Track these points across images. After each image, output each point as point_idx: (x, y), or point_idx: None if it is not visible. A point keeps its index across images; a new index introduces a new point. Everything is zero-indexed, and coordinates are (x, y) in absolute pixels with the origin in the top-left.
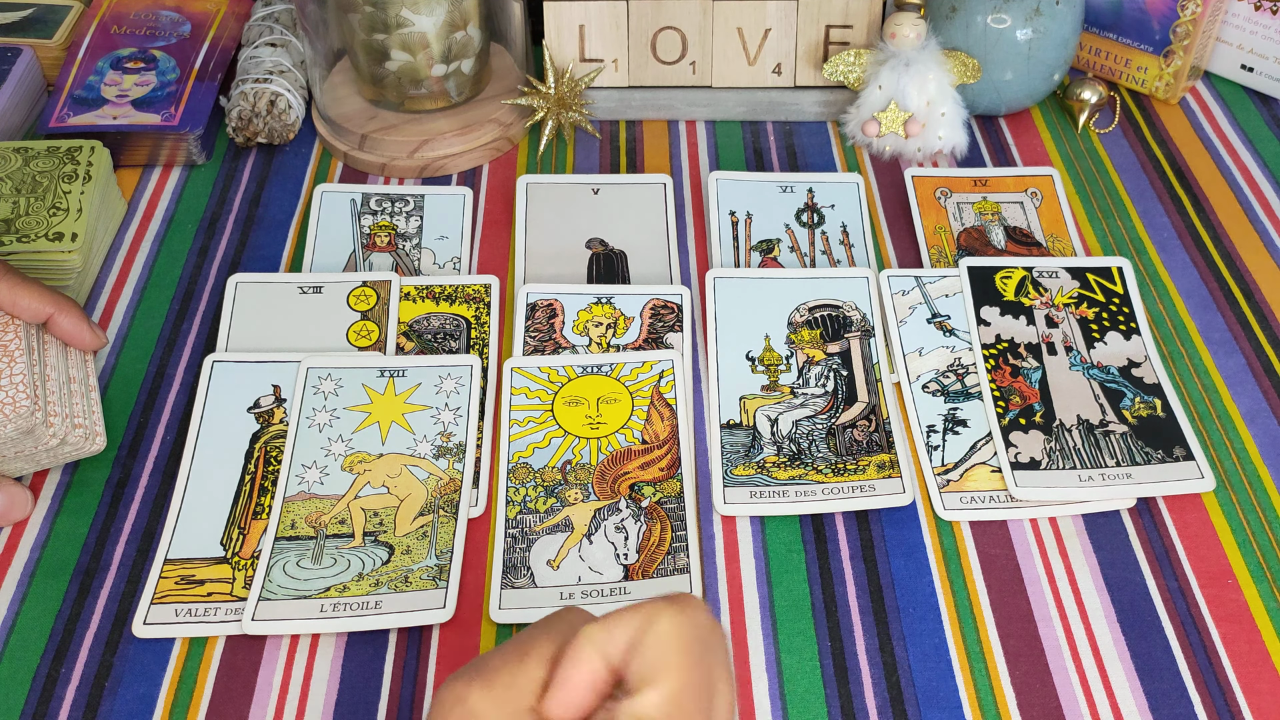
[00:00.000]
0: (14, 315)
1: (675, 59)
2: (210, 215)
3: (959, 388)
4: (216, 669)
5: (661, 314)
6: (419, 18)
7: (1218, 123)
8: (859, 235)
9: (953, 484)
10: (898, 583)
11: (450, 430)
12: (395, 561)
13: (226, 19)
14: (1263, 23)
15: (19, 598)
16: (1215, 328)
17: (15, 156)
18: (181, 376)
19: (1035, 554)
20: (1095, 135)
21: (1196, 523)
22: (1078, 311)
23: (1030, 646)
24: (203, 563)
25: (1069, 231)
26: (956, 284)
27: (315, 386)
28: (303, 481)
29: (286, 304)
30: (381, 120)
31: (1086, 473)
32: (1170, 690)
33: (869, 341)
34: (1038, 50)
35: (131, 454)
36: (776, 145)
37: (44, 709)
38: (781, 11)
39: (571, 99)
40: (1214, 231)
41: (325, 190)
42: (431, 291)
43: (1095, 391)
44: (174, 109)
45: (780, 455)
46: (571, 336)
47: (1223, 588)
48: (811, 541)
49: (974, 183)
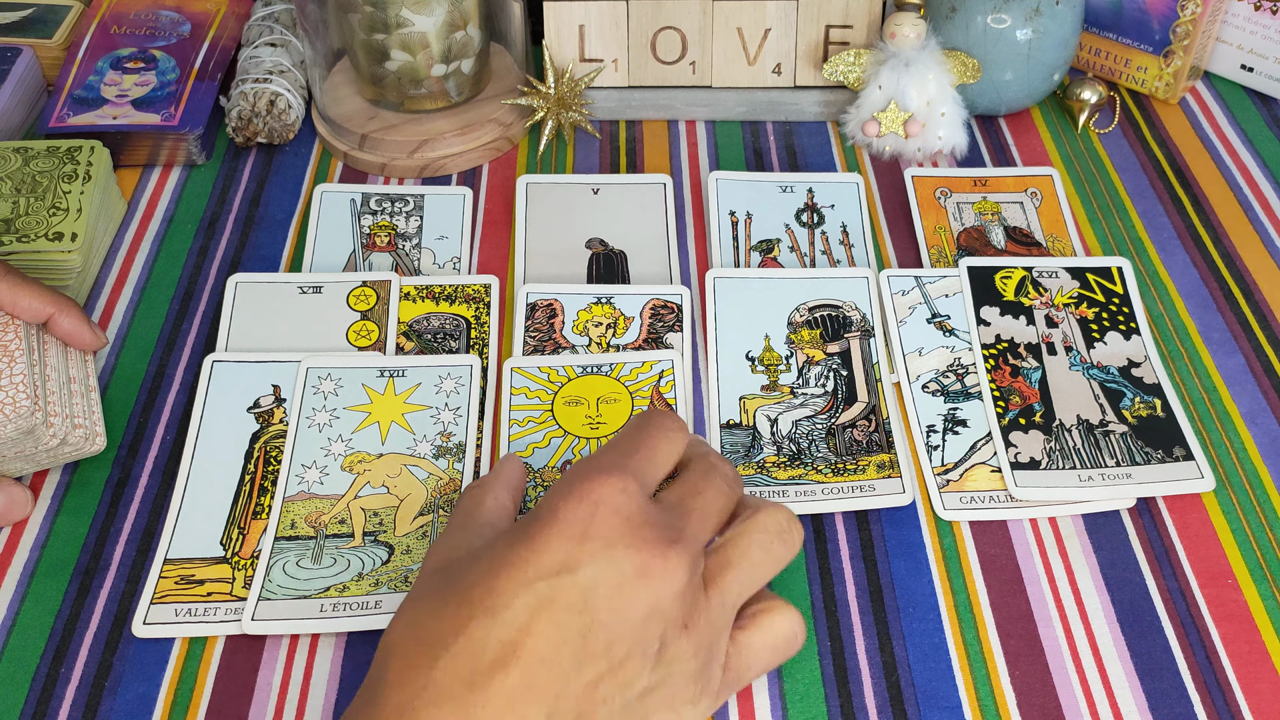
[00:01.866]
0: (14, 315)
1: (675, 59)
2: (210, 215)
3: (959, 388)
4: (216, 669)
5: (661, 314)
6: (419, 18)
7: (1218, 123)
8: (859, 235)
9: (953, 484)
10: (898, 583)
11: (450, 430)
12: (395, 561)
13: (226, 19)
14: (1263, 23)
15: (19, 598)
16: (1215, 328)
17: (15, 156)
18: (181, 376)
19: (1035, 554)
20: (1095, 135)
21: (1196, 523)
22: (1078, 311)
23: (1030, 646)
24: (202, 562)
25: (1069, 231)
26: (956, 284)
27: (315, 386)
28: (302, 481)
29: (286, 304)
30: (381, 120)
31: (1086, 473)
32: (1170, 690)
33: (869, 341)
34: (1038, 50)
35: (131, 454)
36: (776, 145)
37: (44, 709)
38: (781, 11)
39: (571, 99)
40: (1214, 231)
41: (325, 190)
42: (431, 291)
43: (1095, 391)
44: (174, 109)
45: (780, 455)
46: (571, 336)
47: (1223, 588)
48: (811, 541)
49: (974, 183)
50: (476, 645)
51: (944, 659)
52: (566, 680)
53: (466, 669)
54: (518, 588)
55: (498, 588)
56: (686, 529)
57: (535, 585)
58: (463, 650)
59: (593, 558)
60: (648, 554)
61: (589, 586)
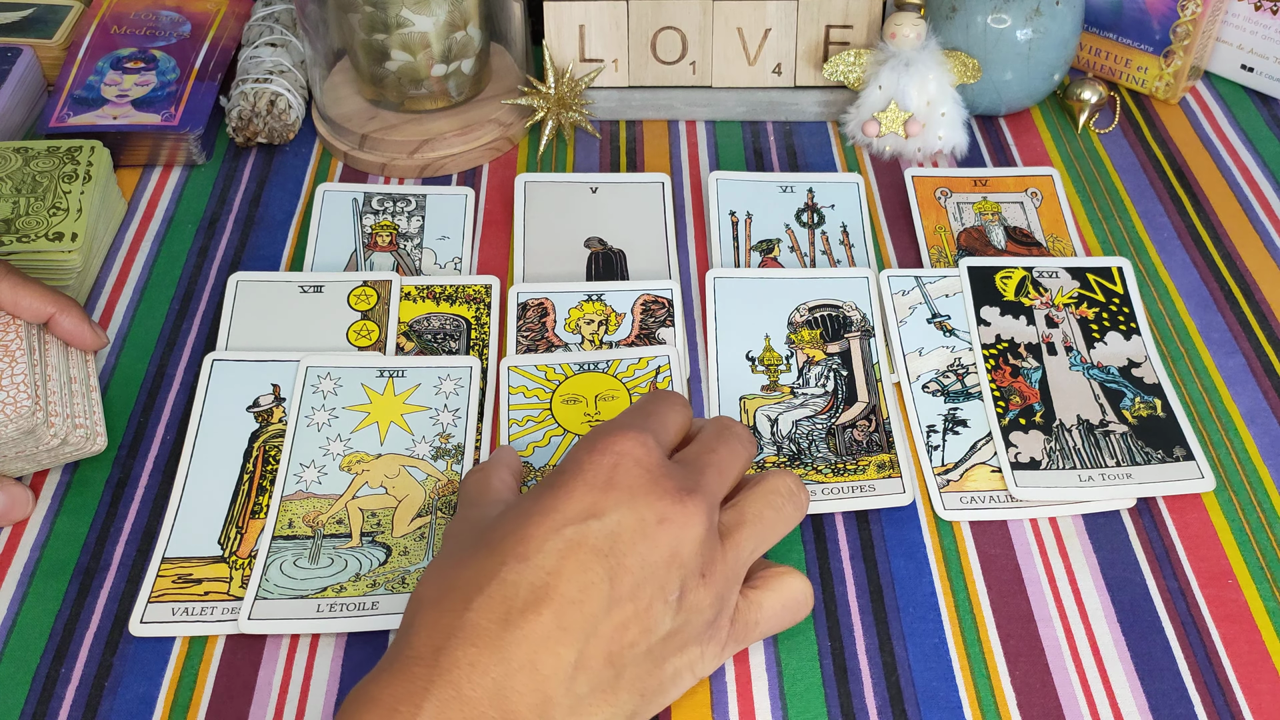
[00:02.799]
0: (15, 315)
1: (675, 59)
2: (210, 215)
3: (959, 388)
4: (216, 669)
5: (652, 309)
6: (419, 18)
7: (1218, 123)
8: (859, 235)
9: (953, 484)
10: (898, 583)
11: (449, 431)
12: (393, 562)
13: (226, 19)
14: (1263, 23)
15: (19, 598)
16: (1215, 328)
17: (15, 156)
18: (181, 376)
19: (1035, 554)
20: (1095, 135)
21: (1196, 523)
22: (1078, 311)
23: (1030, 646)
24: (200, 561)
25: (1069, 231)
26: (956, 284)
27: (314, 386)
28: (301, 481)
29: (287, 303)
30: (381, 120)
31: (1086, 473)
32: (1170, 690)
33: (869, 341)
34: (1038, 50)
35: (131, 454)
36: (776, 145)
37: (44, 709)
38: (781, 11)
39: (571, 99)
40: (1214, 231)
41: (327, 189)
42: (432, 291)
43: (1095, 391)
44: (174, 109)
45: (780, 455)
46: (564, 335)
47: (1223, 588)
48: (811, 541)
49: (974, 183)
50: (509, 589)
51: (944, 659)
52: (596, 622)
53: (500, 611)
54: (547, 534)
55: (527, 534)
56: (703, 481)
57: (563, 531)
58: (496, 593)
59: (617, 505)
60: (668, 502)
61: (614, 531)
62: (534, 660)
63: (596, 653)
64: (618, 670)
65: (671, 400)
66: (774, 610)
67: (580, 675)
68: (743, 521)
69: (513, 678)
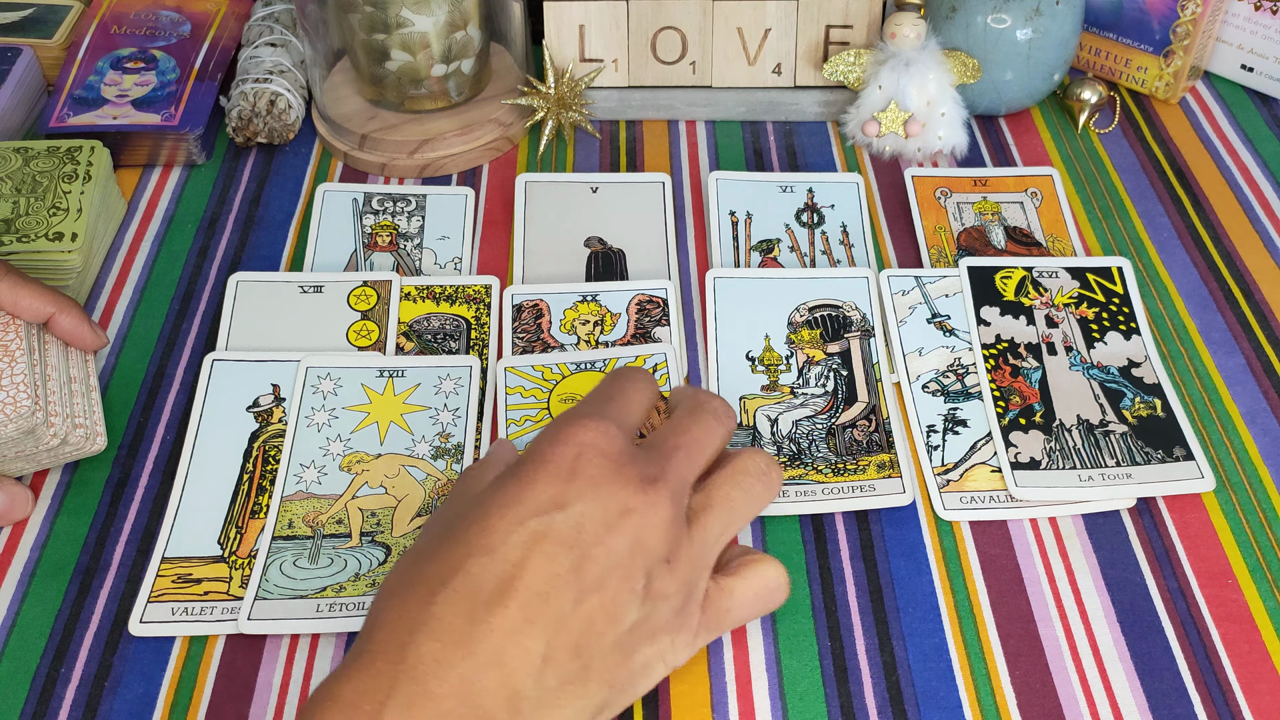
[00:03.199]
0: (15, 315)
1: (675, 59)
2: (210, 215)
3: (959, 388)
4: (216, 669)
5: (647, 309)
6: (419, 18)
7: (1218, 123)
8: (859, 235)
9: (953, 484)
10: (898, 583)
11: (449, 431)
12: (392, 562)
13: (226, 19)
14: (1263, 23)
15: (19, 598)
16: (1215, 328)
17: (15, 156)
18: (181, 376)
19: (1035, 554)
20: (1095, 135)
21: (1196, 523)
22: (1078, 311)
23: (1030, 646)
24: (200, 561)
25: (1069, 231)
26: (956, 284)
27: (314, 386)
28: (301, 481)
29: (287, 303)
30: (381, 120)
31: (1086, 473)
32: (1170, 690)
33: (869, 341)
34: (1038, 50)
35: (131, 454)
36: (776, 145)
37: (44, 709)
38: (781, 11)
39: (571, 99)
40: (1214, 231)
41: (327, 189)
42: (432, 292)
43: (1095, 391)
44: (174, 109)
45: (780, 455)
46: (560, 335)
47: (1223, 588)
48: (811, 541)
49: (974, 183)
50: (474, 581)
51: (944, 659)
52: (562, 614)
53: (466, 604)
54: (511, 525)
55: (490, 526)
56: (669, 467)
57: (528, 522)
58: (461, 586)
59: (580, 495)
60: (631, 491)
61: (579, 522)
62: (501, 654)
63: (564, 645)
64: (586, 662)
65: (634, 378)
66: (747, 598)
67: (548, 668)
68: (709, 505)
69: (479, 672)
